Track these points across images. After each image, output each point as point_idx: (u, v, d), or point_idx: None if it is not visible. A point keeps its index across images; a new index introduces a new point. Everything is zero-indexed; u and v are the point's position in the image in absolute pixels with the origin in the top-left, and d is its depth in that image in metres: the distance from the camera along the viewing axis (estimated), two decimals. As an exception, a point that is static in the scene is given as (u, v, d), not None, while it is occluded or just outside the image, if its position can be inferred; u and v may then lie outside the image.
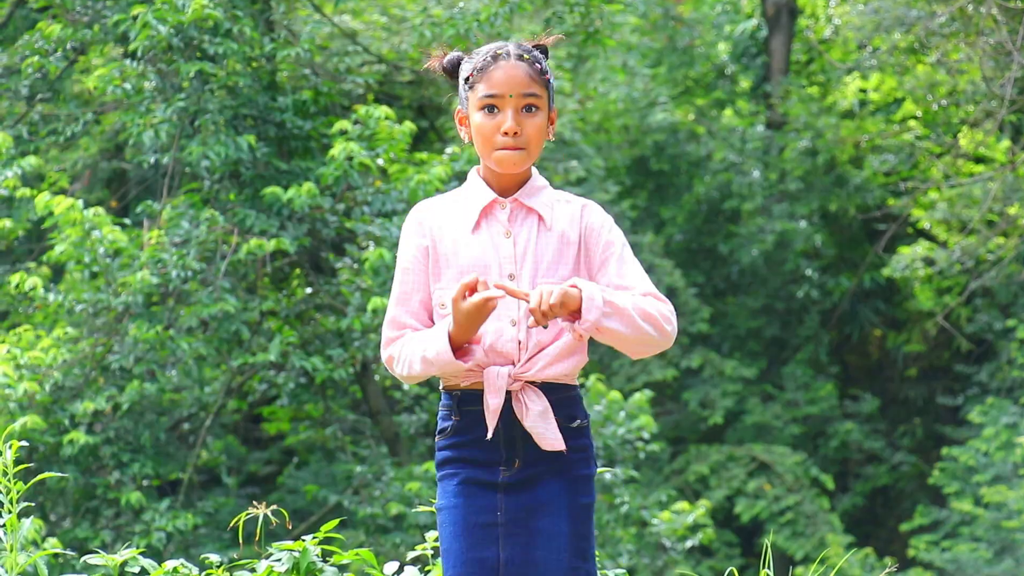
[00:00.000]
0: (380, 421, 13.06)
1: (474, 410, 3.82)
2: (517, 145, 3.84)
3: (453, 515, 3.83)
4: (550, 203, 3.92)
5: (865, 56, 17.29)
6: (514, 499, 3.82)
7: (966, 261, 16.44)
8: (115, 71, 11.16)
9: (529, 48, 3.91)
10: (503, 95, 3.83)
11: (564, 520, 3.82)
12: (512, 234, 3.86)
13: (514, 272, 3.83)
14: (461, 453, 3.85)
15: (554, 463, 3.83)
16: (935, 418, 19.54)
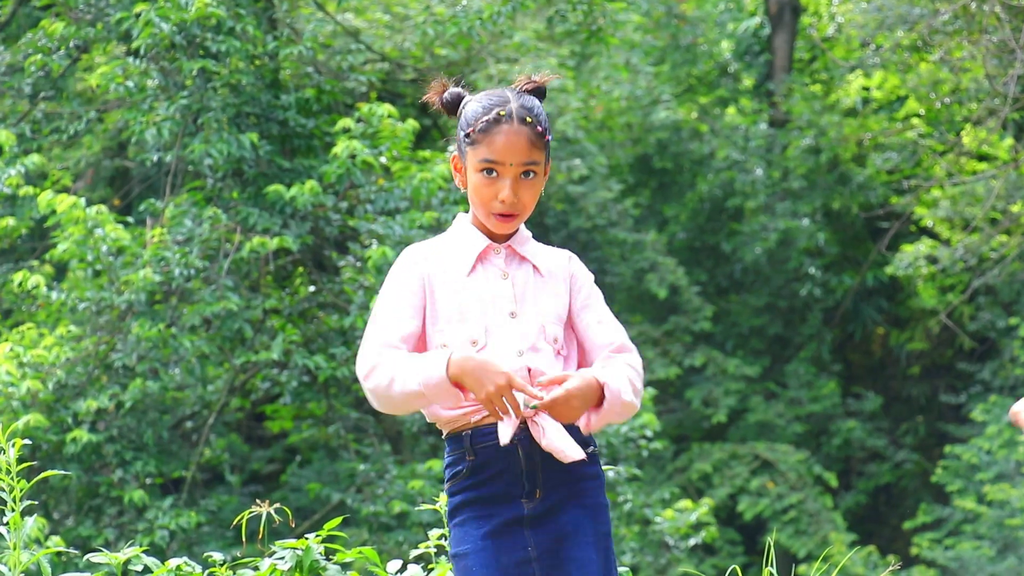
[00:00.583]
0: (383, 419, 13.06)
1: (489, 445, 3.78)
2: (513, 211, 3.85)
3: (484, 558, 3.76)
4: (539, 252, 3.95)
5: (868, 54, 17.28)
6: (542, 532, 3.80)
7: (969, 259, 16.43)
8: (118, 69, 11.16)
9: (531, 106, 3.87)
10: (504, 163, 3.81)
11: (591, 548, 3.82)
12: (509, 276, 3.87)
13: (515, 311, 3.83)
14: (480, 493, 3.79)
15: (573, 491, 3.83)
16: (938, 416, 19.54)
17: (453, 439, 3.83)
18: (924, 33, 14.42)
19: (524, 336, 3.81)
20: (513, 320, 3.82)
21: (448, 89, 3.95)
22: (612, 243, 18.79)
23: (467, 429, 3.80)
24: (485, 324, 3.80)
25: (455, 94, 3.94)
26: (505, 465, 3.78)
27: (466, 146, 3.85)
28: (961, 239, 16.47)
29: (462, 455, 3.81)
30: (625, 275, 18.74)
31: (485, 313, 3.81)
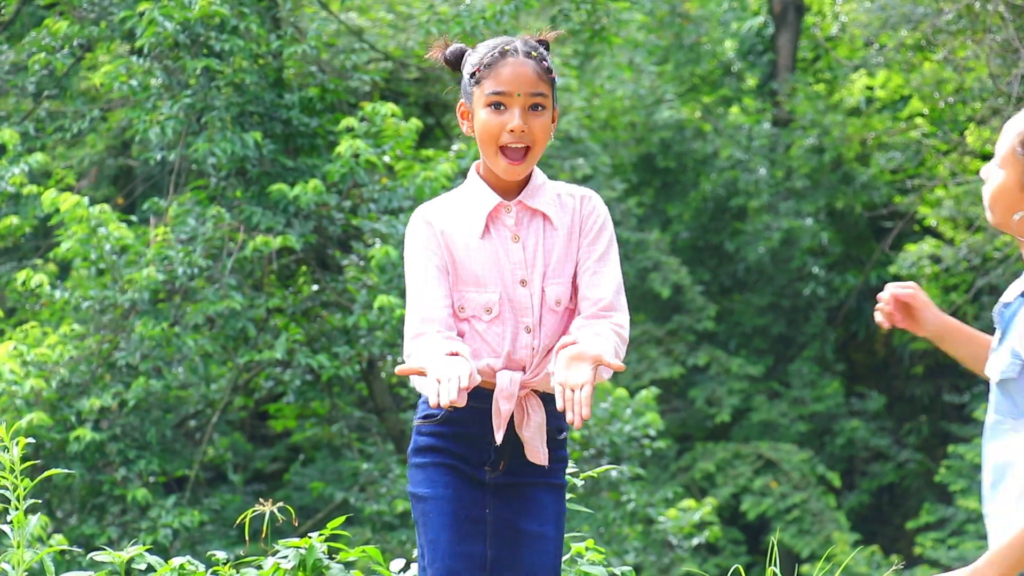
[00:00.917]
0: (386, 418, 13.07)
1: (471, 407, 3.80)
2: (523, 142, 3.84)
3: (441, 505, 3.80)
4: (554, 200, 3.92)
5: (872, 53, 17.28)
6: (502, 500, 3.83)
7: (973, 259, 16.42)
8: (121, 68, 11.17)
9: (536, 45, 3.90)
10: (511, 93, 3.82)
11: (551, 526, 3.86)
12: (520, 238, 3.86)
13: (525, 277, 3.84)
14: (447, 444, 3.83)
15: (538, 470, 3.85)
16: (941, 415, 19.54)
17: None
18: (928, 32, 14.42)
19: (532, 308, 3.82)
20: (523, 289, 3.83)
21: (451, 45, 3.96)
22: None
23: None
24: (499, 292, 3.82)
25: (458, 48, 3.95)
26: (477, 431, 3.81)
27: (472, 86, 3.86)
28: (965, 239, 16.46)
29: None
30: (628, 274, 18.73)
31: (499, 280, 3.82)
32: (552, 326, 3.85)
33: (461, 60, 3.94)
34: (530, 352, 3.81)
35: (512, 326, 3.81)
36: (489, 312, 3.81)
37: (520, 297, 3.82)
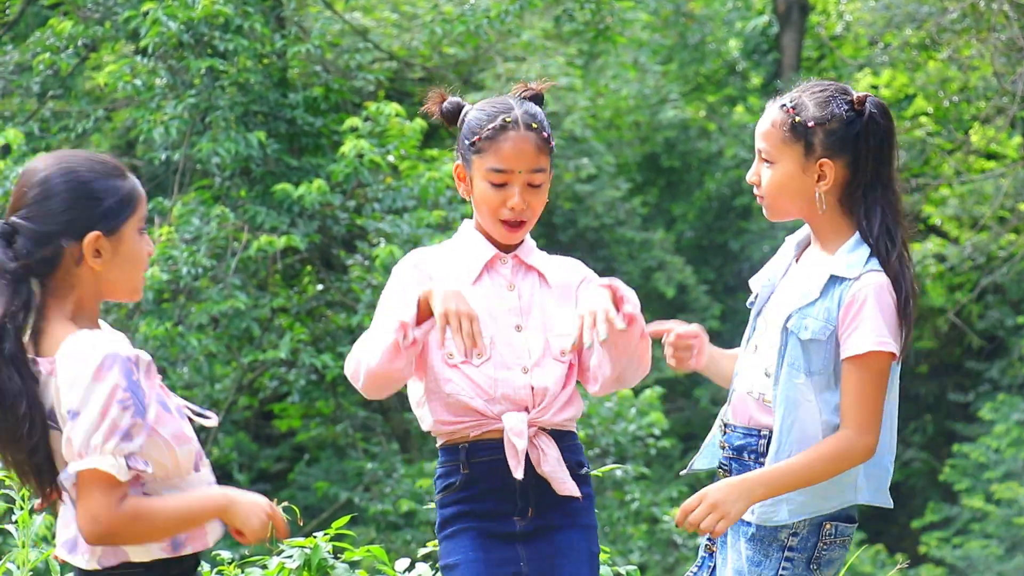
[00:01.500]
0: (391, 418, 13.07)
1: (485, 460, 3.79)
2: (523, 217, 3.84)
3: (472, 568, 3.77)
4: (546, 262, 3.94)
5: (876, 52, 17.27)
6: (534, 548, 3.80)
7: (977, 257, 16.41)
8: (126, 68, 11.17)
9: (535, 113, 3.86)
10: (512, 171, 3.80)
11: (585, 567, 3.84)
12: (516, 287, 3.87)
13: (520, 323, 3.83)
14: (473, 507, 3.80)
15: (566, 512, 3.83)
16: (946, 415, 19.53)
17: (448, 450, 3.83)
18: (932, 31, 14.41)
19: (529, 352, 3.82)
20: (519, 334, 3.82)
21: (447, 99, 3.94)
22: (620, 242, 18.79)
23: (464, 442, 3.80)
24: (491, 335, 3.79)
25: (455, 103, 3.92)
26: (499, 483, 3.78)
27: (471, 154, 3.83)
28: (969, 237, 16.45)
29: (456, 467, 3.81)
30: (633, 274, 18.73)
31: (491, 325, 3.81)
32: (559, 375, 3.84)
33: (458, 115, 3.92)
34: (529, 392, 3.80)
35: (504, 368, 3.79)
36: (480, 356, 3.79)
37: (515, 341, 3.82)
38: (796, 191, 3.81)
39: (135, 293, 3.34)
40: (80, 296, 3.26)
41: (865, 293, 3.69)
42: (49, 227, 3.22)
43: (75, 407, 3.10)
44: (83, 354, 3.12)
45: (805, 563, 3.74)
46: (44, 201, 3.23)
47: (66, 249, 3.22)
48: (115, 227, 3.25)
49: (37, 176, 3.25)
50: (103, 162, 3.30)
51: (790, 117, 3.76)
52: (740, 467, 3.83)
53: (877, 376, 3.69)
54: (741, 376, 3.91)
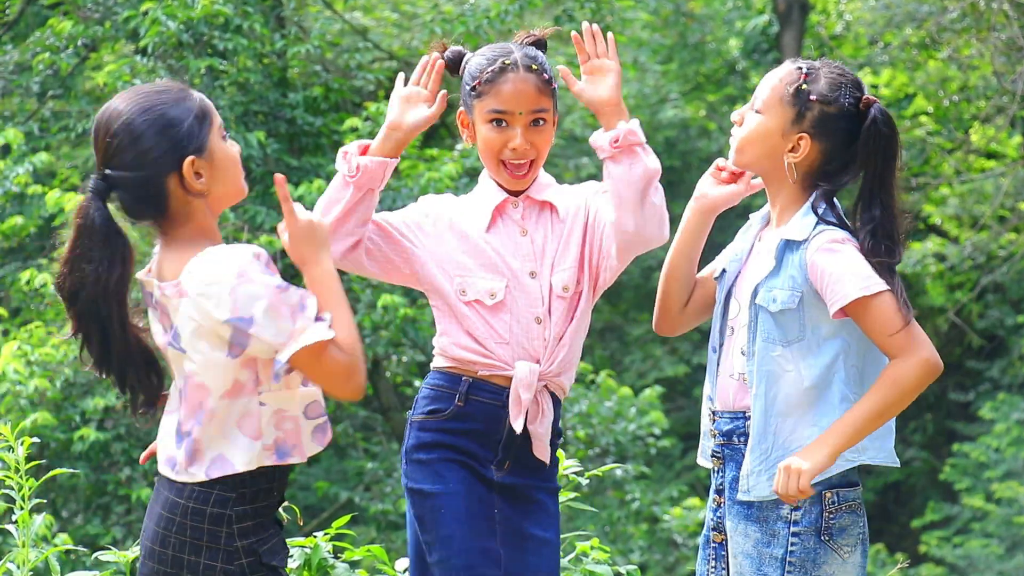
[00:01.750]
0: (391, 417, 13.07)
1: (482, 401, 3.80)
2: (526, 158, 3.85)
3: (455, 500, 3.79)
4: (559, 191, 3.95)
5: (876, 52, 17.27)
6: (508, 503, 3.83)
7: (977, 257, 16.41)
8: (126, 67, 11.17)
9: (535, 55, 3.88)
10: (513, 111, 3.83)
11: (552, 531, 3.88)
12: (528, 232, 3.88)
13: (535, 269, 3.85)
14: (455, 440, 3.82)
15: (539, 473, 3.86)
16: (946, 414, 19.52)
17: (447, 376, 3.84)
18: (932, 31, 14.41)
19: (542, 299, 3.83)
20: (533, 280, 3.84)
21: (449, 48, 3.95)
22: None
23: (469, 375, 3.82)
24: (507, 280, 3.83)
25: (456, 51, 3.95)
26: (487, 428, 3.80)
27: (472, 99, 3.86)
28: (970, 237, 16.45)
29: (451, 395, 3.82)
30: (633, 273, 18.72)
31: (508, 270, 3.84)
32: (561, 314, 3.85)
33: (460, 64, 3.93)
34: (542, 343, 3.82)
35: (521, 316, 3.81)
36: (493, 297, 3.81)
37: (530, 288, 3.83)
38: (767, 149, 3.84)
39: (240, 193, 3.45)
40: (197, 220, 3.36)
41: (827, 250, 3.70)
42: (146, 170, 3.29)
43: (242, 314, 3.22)
44: (217, 268, 3.24)
45: (815, 535, 3.74)
46: (133, 145, 3.29)
47: (169, 184, 3.30)
48: (202, 144, 3.33)
49: (118, 122, 3.30)
50: (167, 89, 3.37)
51: (800, 81, 3.78)
52: (731, 452, 3.84)
53: (883, 312, 3.69)
54: (723, 361, 3.90)
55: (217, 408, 3.31)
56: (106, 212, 3.30)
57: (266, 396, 3.33)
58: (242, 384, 3.31)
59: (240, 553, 3.32)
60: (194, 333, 3.29)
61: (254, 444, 3.32)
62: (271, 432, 3.34)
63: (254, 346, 3.25)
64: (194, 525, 3.31)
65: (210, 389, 3.31)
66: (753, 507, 3.76)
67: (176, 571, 3.33)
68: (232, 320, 3.22)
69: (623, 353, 18.38)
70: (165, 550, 3.33)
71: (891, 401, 3.68)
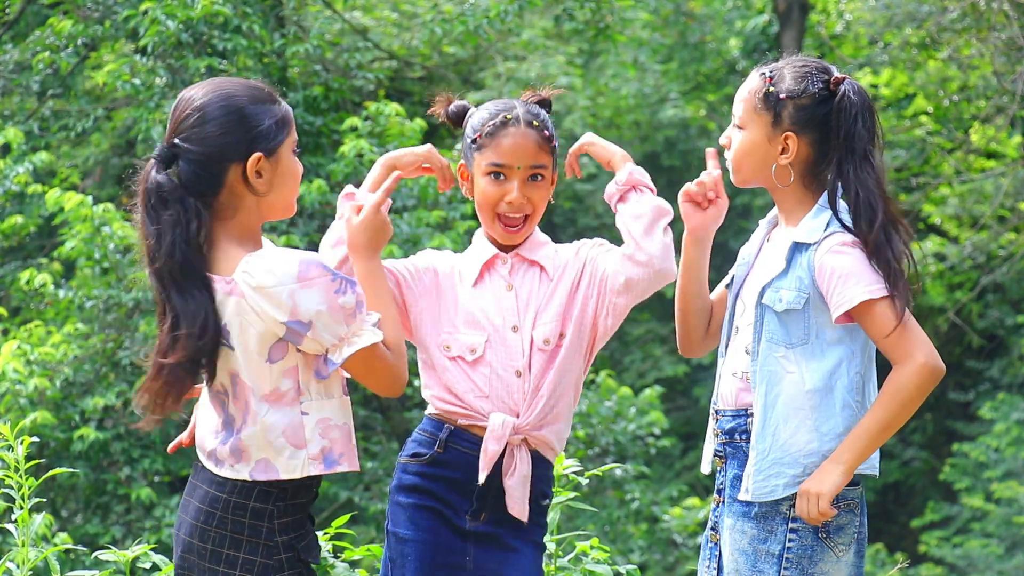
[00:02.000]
0: (391, 417, 13.06)
1: (460, 451, 3.83)
2: (521, 212, 3.87)
3: (420, 549, 3.82)
4: (551, 254, 3.97)
5: (876, 51, 17.26)
6: (483, 550, 3.84)
7: (977, 257, 16.40)
8: (125, 67, 11.16)
9: (537, 112, 3.92)
10: (511, 166, 3.87)
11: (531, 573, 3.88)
12: (514, 287, 3.90)
13: (517, 324, 3.87)
14: (432, 486, 3.84)
15: (519, 528, 3.86)
16: (946, 414, 19.52)
17: (433, 422, 3.89)
18: (932, 31, 14.41)
19: (523, 352, 3.85)
20: (515, 335, 3.86)
21: (454, 101, 3.98)
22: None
23: (451, 424, 3.85)
24: (488, 335, 3.85)
25: (460, 106, 3.98)
26: (464, 477, 3.82)
27: (473, 152, 3.89)
28: (969, 236, 16.44)
29: (432, 442, 3.86)
30: (633, 273, 18.72)
31: (489, 325, 3.86)
32: (541, 366, 3.87)
33: (463, 117, 3.96)
34: (522, 396, 3.83)
35: (501, 369, 3.84)
36: (473, 352, 3.85)
37: (511, 342, 3.86)
38: (759, 159, 3.86)
39: (290, 210, 3.51)
40: (243, 218, 3.41)
41: (836, 253, 3.72)
42: (209, 149, 3.36)
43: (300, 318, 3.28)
44: (276, 270, 3.29)
45: (812, 532, 3.75)
46: (202, 125, 3.36)
47: (229, 171, 3.37)
48: (273, 148, 3.41)
49: (195, 102, 3.39)
50: (257, 88, 3.45)
51: (766, 86, 3.80)
52: (733, 449, 3.85)
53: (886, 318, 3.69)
54: (727, 360, 3.95)
55: (260, 410, 3.36)
56: (167, 175, 3.37)
57: (307, 406, 3.38)
58: (282, 393, 3.37)
59: (280, 548, 3.38)
60: (243, 331, 3.33)
61: (299, 453, 3.38)
62: (317, 441, 3.39)
63: (307, 345, 3.33)
64: (235, 519, 3.37)
65: (252, 389, 3.36)
66: (752, 505, 3.77)
67: (214, 565, 3.37)
68: (290, 323, 3.29)
69: (623, 353, 18.38)
70: (204, 544, 3.38)
71: (895, 410, 3.67)
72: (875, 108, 3.83)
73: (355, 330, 3.33)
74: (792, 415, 3.73)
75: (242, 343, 3.34)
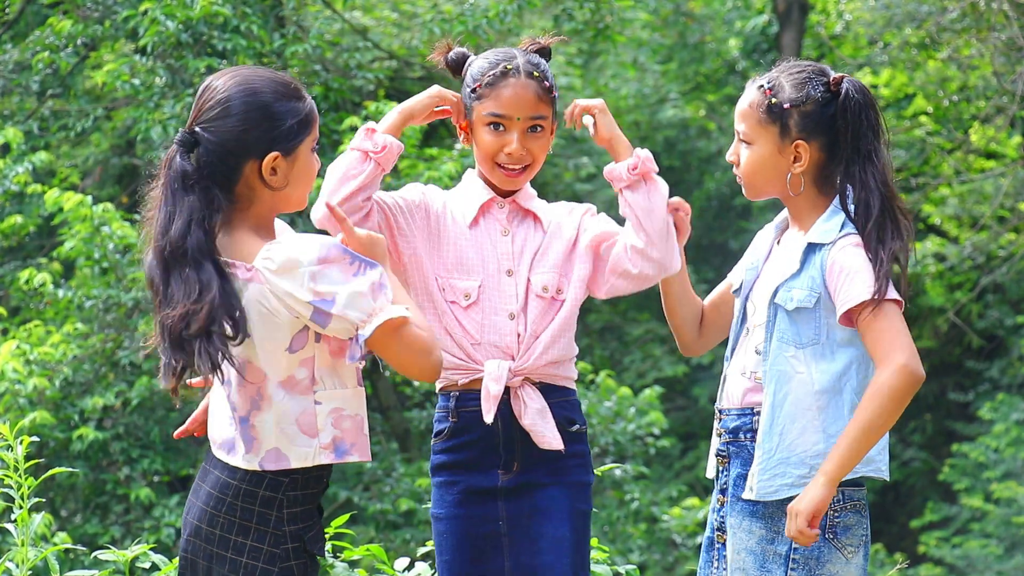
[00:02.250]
0: (390, 417, 13.06)
1: (471, 410, 3.81)
2: (521, 163, 3.86)
3: (453, 525, 3.82)
4: (544, 206, 3.99)
5: (876, 52, 17.26)
6: (515, 505, 3.81)
7: (977, 257, 16.40)
8: (125, 67, 11.16)
9: (537, 63, 3.91)
10: (511, 116, 3.86)
11: (566, 526, 3.83)
12: (510, 232, 3.89)
13: (512, 268, 3.86)
14: (458, 457, 3.83)
15: (552, 468, 3.83)
16: (946, 414, 19.51)
17: (443, 396, 3.88)
18: (932, 31, 14.41)
19: (516, 296, 3.85)
20: (509, 279, 3.86)
21: (453, 48, 3.96)
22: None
23: (455, 390, 3.84)
24: (482, 279, 3.85)
25: (460, 53, 3.97)
26: (483, 432, 3.80)
27: (472, 101, 3.88)
28: (969, 237, 16.44)
29: (446, 414, 3.86)
30: (632, 273, 18.71)
31: (483, 269, 3.86)
32: (539, 313, 3.86)
33: (462, 65, 3.94)
34: (515, 339, 3.82)
35: (491, 313, 3.83)
36: (468, 298, 3.84)
37: (504, 286, 3.86)
38: (772, 172, 3.84)
39: (302, 204, 3.52)
40: (259, 209, 3.41)
41: (846, 253, 3.72)
42: (227, 141, 3.36)
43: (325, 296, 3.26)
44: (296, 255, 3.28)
45: (820, 533, 3.72)
46: (224, 118, 3.37)
47: (246, 166, 3.37)
48: (292, 147, 3.43)
49: (219, 93, 3.40)
50: (284, 83, 3.46)
51: (767, 99, 3.79)
52: (737, 448, 3.84)
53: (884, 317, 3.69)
54: (734, 360, 3.92)
55: (275, 396, 3.36)
56: (190, 161, 3.36)
57: (321, 395, 3.38)
58: (297, 381, 3.36)
59: (287, 538, 3.38)
60: (263, 319, 3.33)
61: (311, 442, 3.37)
62: (329, 431, 3.39)
63: (334, 325, 3.30)
64: (244, 506, 3.37)
65: (268, 376, 3.36)
66: (759, 504, 3.75)
67: (222, 551, 3.38)
68: (315, 302, 3.27)
69: (622, 353, 18.37)
70: (213, 529, 3.38)
71: (874, 414, 3.65)
72: (878, 104, 3.84)
73: (383, 304, 3.30)
74: (800, 415, 3.72)
75: (261, 330, 3.33)
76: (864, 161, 3.78)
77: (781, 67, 3.87)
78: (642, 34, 20.19)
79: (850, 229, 3.75)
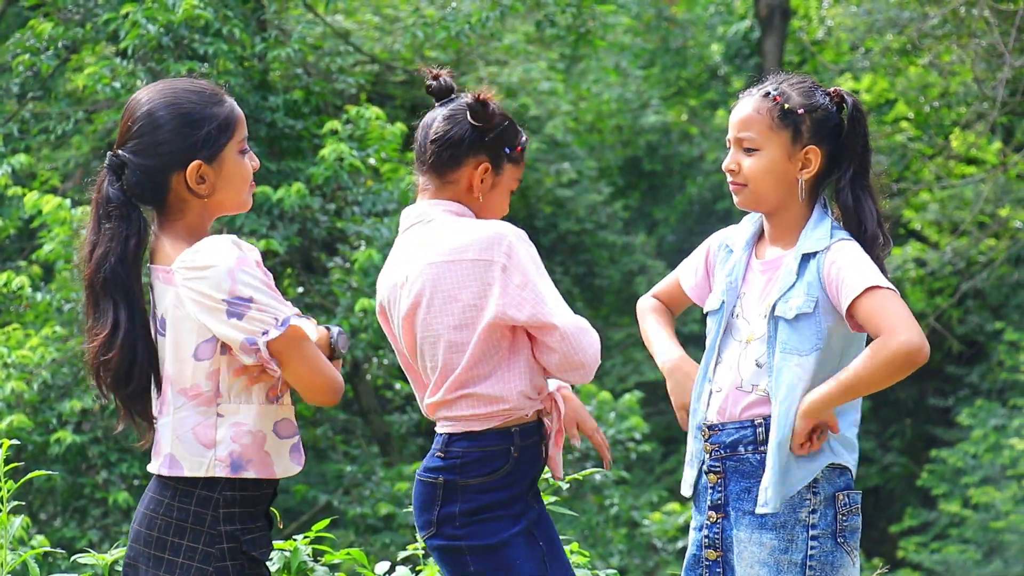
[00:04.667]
0: (371, 420, 13.04)
1: (531, 443, 3.83)
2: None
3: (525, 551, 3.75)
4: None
5: (858, 57, 17.30)
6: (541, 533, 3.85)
7: (957, 262, 16.45)
8: (106, 70, 11.13)
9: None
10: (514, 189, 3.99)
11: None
12: None
13: None
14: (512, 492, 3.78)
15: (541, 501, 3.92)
16: (926, 419, 19.56)
17: (498, 434, 3.77)
18: (913, 37, 14.45)
19: None
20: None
21: (442, 77, 3.91)
22: (601, 246, 18.79)
23: (517, 424, 3.81)
24: None
25: (447, 83, 3.89)
26: (535, 467, 3.84)
27: (507, 162, 3.83)
28: (950, 242, 16.48)
29: (505, 451, 3.77)
30: (614, 278, 18.73)
31: None
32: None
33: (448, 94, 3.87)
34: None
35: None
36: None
37: None
38: (780, 178, 3.85)
39: (243, 206, 3.54)
40: (191, 218, 3.44)
41: (843, 251, 3.75)
42: (154, 160, 3.40)
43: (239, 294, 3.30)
44: (213, 254, 3.31)
45: (831, 538, 3.75)
46: (150, 134, 3.40)
47: (173, 179, 3.41)
48: (214, 153, 3.45)
49: (138, 111, 3.42)
50: (201, 90, 3.48)
51: (778, 104, 3.79)
52: (736, 462, 3.82)
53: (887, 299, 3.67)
54: (724, 375, 3.91)
55: (174, 402, 3.41)
56: (120, 186, 3.40)
57: (224, 408, 3.40)
58: (200, 392, 3.39)
59: (222, 538, 3.39)
60: (177, 323, 3.37)
61: (206, 452, 3.40)
62: (227, 444, 3.41)
63: (248, 320, 3.31)
64: (181, 507, 3.39)
65: (172, 380, 3.41)
66: (768, 515, 3.74)
67: (160, 552, 3.39)
68: (229, 299, 3.31)
69: (603, 357, 18.35)
70: (151, 532, 3.41)
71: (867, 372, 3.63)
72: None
73: (291, 312, 3.37)
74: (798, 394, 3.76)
75: (173, 334, 3.38)
76: (866, 172, 3.85)
77: (777, 78, 3.87)
78: (624, 39, 20.22)
79: (842, 233, 3.79)
